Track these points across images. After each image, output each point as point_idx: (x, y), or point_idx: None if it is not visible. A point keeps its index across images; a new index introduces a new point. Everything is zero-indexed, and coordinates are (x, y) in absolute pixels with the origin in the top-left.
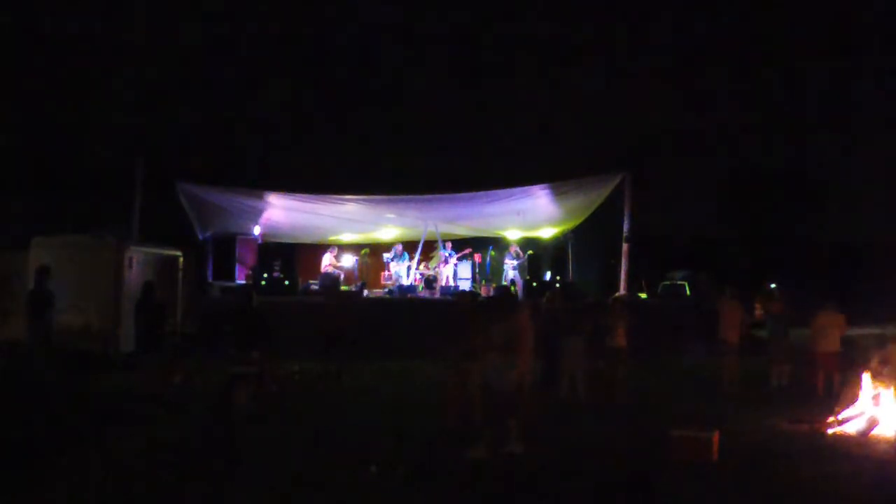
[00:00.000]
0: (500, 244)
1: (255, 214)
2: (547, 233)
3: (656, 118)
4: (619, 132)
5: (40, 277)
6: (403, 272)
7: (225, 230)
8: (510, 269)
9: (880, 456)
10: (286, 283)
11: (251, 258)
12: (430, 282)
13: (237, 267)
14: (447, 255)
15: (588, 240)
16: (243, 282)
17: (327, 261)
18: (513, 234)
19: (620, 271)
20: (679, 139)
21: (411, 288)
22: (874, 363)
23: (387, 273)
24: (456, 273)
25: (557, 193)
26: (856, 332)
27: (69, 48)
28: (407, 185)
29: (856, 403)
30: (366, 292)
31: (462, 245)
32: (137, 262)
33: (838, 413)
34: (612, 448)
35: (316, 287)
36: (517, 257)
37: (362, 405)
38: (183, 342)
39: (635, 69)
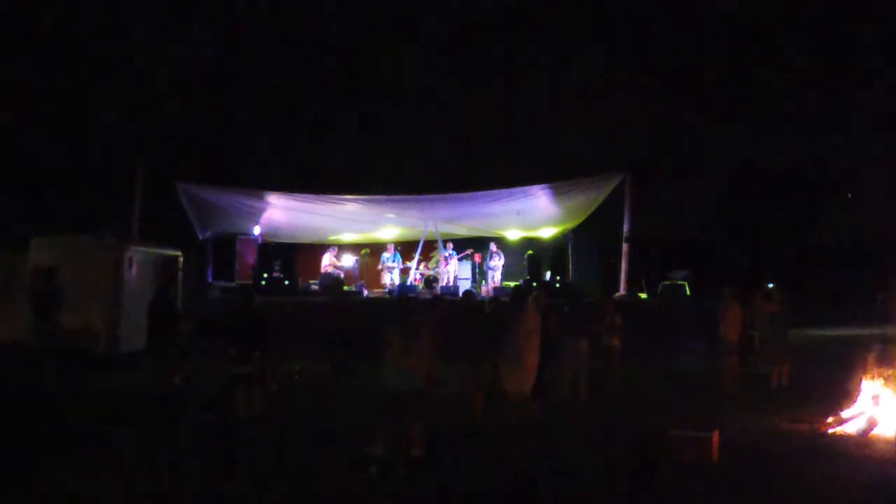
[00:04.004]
0: (500, 244)
1: (255, 214)
2: (547, 233)
3: (656, 118)
4: (619, 132)
5: (46, 278)
6: (396, 270)
7: (225, 230)
8: (490, 271)
9: (880, 456)
10: (286, 283)
11: (251, 258)
12: (430, 282)
13: (237, 267)
14: (447, 255)
15: (588, 240)
16: (243, 282)
17: (327, 261)
18: (513, 234)
19: (620, 271)
20: (679, 139)
21: (411, 288)
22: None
23: (386, 277)
24: (456, 273)
25: (557, 193)
26: (856, 331)
27: (70, 48)
28: (407, 185)
29: (856, 403)
30: (366, 292)
31: (464, 245)
32: (137, 262)
33: (838, 413)
34: (611, 448)
35: (316, 287)
36: (497, 257)
37: (362, 405)
38: (183, 342)
39: (636, 69)
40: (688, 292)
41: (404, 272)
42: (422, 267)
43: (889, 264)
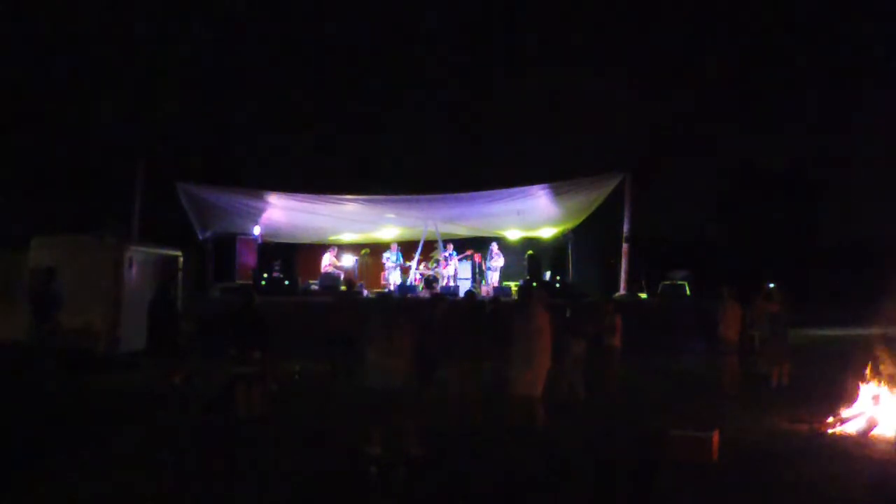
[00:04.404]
0: (500, 244)
1: (255, 214)
2: (547, 233)
3: (656, 118)
4: (619, 132)
5: (46, 278)
6: (395, 269)
7: (225, 230)
8: (489, 272)
9: (880, 456)
10: (286, 283)
11: (251, 258)
12: (430, 282)
13: (237, 267)
14: (447, 255)
15: (588, 240)
16: (243, 282)
17: (327, 261)
18: (513, 234)
19: (620, 271)
20: (679, 139)
21: (411, 288)
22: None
23: (385, 274)
24: (456, 273)
25: (557, 193)
26: (856, 331)
27: (70, 48)
28: (407, 185)
29: (856, 403)
30: (366, 292)
31: (464, 245)
32: (137, 262)
33: (838, 413)
34: (611, 448)
35: (316, 287)
36: (498, 257)
37: (361, 405)
38: (184, 342)
39: (636, 69)
40: (688, 292)
41: (405, 271)
42: (422, 267)
43: (889, 264)
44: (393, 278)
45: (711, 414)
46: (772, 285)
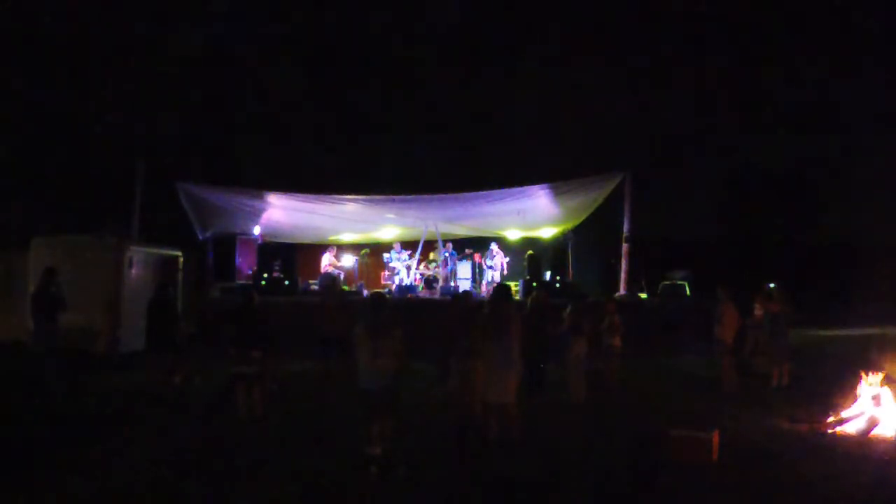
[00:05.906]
0: (500, 244)
1: (255, 214)
2: (547, 233)
3: (656, 118)
4: (619, 132)
5: (46, 279)
6: (402, 269)
7: (225, 230)
8: (488, 270)
9: (880, 456)
10: (286, 283)
11: (251, 258)
12: (430, 282)
13: (237, 267)
14: (447, 255)
15: (588, 240)
16: (243, 282)
17: (327, 261)
18: (513, 234)
19: (620, 271)
20: (679, 139)
21: (411, 288)
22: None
23: (386, 273)
24: (456, 273)
25: (557, 193)
26: (856, 331)
27: (69, 48)
28: (407, 185)
29: (856, 403)
30: (365, 292)
31: (464, 245)
32: (137, 262)
33: (838, 413)
34: (611, 448)
35: (316, 287)
36: (498, 257)
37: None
38: (183, 342)
39: (636, 69)
40: (688, 292)
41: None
42: (422, 267)
43: (889, 264)
44: (401, 276)
45: (711, 414)
46: (772, 285)
